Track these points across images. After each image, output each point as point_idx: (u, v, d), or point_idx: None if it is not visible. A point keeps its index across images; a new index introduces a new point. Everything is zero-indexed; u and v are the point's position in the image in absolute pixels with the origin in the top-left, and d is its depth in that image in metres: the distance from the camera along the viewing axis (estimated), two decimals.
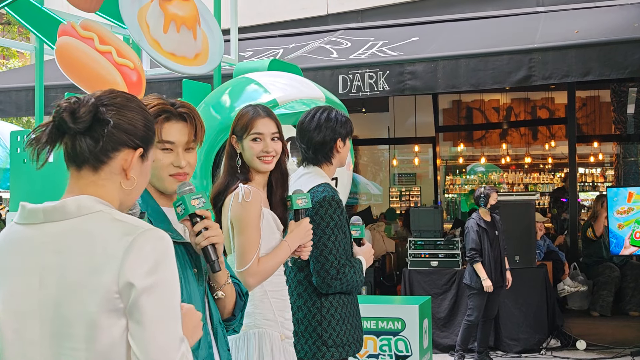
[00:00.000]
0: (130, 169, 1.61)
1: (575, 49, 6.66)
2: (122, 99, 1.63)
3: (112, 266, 1.45)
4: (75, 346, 1.46)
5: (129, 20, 4.02)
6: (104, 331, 1.45)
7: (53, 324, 1.48)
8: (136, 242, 1.47)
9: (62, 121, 1.55)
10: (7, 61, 17.44)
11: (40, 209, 1.55)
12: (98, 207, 1.54)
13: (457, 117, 14.06)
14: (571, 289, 8.46)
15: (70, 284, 1.47)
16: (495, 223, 6.94)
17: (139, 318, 1.44)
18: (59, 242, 1.51)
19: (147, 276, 1.45)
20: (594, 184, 14.74)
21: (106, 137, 1.56)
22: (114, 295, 1.45)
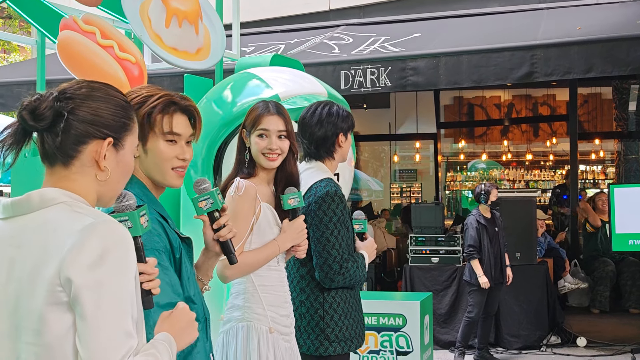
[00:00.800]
0: (102, 160, 1.57)
1: (578, 46, 6.65)
2: (87, 89, 1.59)
3: (56, 259, 1.43)
4: (28, 340, 1.45)
5: (131, 15, 4.01)
6: (50, 325, 1.43)
7: (13, 317, 1.47)
8: (84, 234, 1.44)
9: (22, 120, 1.53)
10: (8, 55, 17.43)
11: (10, 202, 1.55)
12: (61, 198, 1.52)
13: (458, 114, 14.05)
14: (572, 286, 8.46)
15: (26, 278, 1.46)
16: (496, 220, 6.93)
17: (81, 312, 1.41)
18: (21, 235, 1.50)
19: (89, 270, 1.41)
20: (595, 181, 14.73)
21: (68, 131, 1.53)
22: (57, 288, 1.42)
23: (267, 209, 2.74)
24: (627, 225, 7.22)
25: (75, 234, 1.44)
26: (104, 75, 3.98)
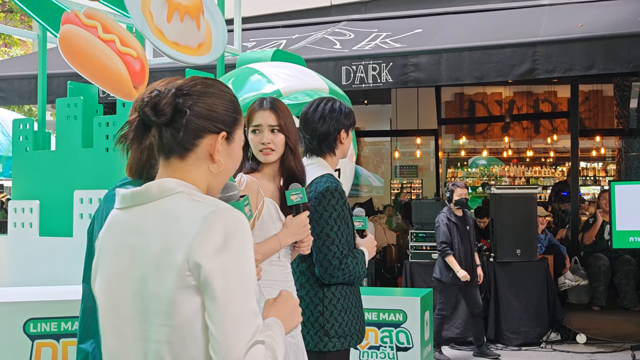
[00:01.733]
0: (216, 153, 1.66)
1: (580, 43, 6.65)
2: (201, 86, 1.67)
3: (183, 245, 1.51)
4: (159, 321, 1.53)
5: (133, 9, 4.01)
6: (180, 307, 1.51)
7: (141, 300, 1.56)
8: (207, 221, 1.52)
9: (144, 116, 1.61)
10: (9, 49, 17.42)
11: (129, 193, 1.63)
12: (179, 188, 1.61)
13: (459, 110, 14.05)
14: (572, 282, 8.46)
15: (152, 263, 1.55)
16: (467, 218, 6.91)
17: (211, 294, 1.49)
18: (143, 223, 1.59)
19: (215, 255, 1.50)
20: (596, 178, 14.73)
21: (186, 126, 1.62)
22: (185, 273, 1.50)
23: (270, 204, 2.74)
24: (628, 222, 7.22)
25: (199, 222, 1.52)
26: (106, 69, 3.98)
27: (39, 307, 3.36)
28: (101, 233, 1.70)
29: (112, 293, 1.62)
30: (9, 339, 3.28)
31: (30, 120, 4.83)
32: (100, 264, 1.67)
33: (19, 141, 4.79)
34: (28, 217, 4.51)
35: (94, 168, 4.40)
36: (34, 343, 3.31)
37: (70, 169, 4.50)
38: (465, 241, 6.79)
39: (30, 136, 4.75)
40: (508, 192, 7.89)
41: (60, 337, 3.36)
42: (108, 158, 4.35)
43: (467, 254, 6.78)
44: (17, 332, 3.28)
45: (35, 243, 4.46)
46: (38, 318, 3.32)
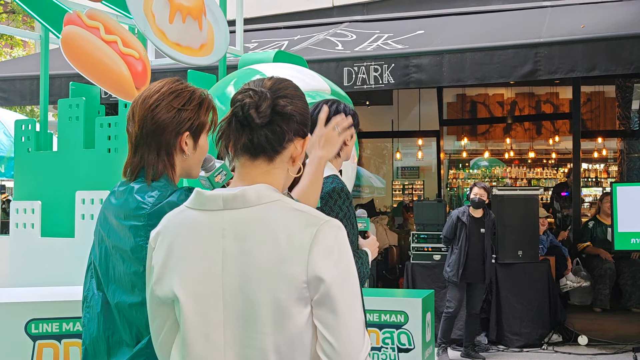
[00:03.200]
0: (299, 157, 1.68)
1: (582, 44, 6.64)
2: (291, 89, 1.68)
3: (299, 257, 1.50)
4: (263, 330, 1.51)
5: (135, 10, 4.01)
6: (292, 318, 1.50)
7: (238, 307, 1.53)
8: (320, 234, 1.51)
9: (249, 117, 1.59)
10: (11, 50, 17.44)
11: (220, 196, 1.58)
12: (275, 195, 1.58)
13: (461, 111, 14.04)
14: (573, 284, 8.45)
15: (256, 271, 1.52)
16: (485, 220, 6.90)
17: (333, 307, 1.49)
18: (240, 229, 1.55)
19: (335, 267, 1.51)
20: (598, 180, 14.71)
21: (281, 129, 1.61)
22: (302, 285, 1.49)
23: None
24: (630, 223, 7.22)
25: (312, 233, 1.51)
26: (108, 70, 3.98)
27: (41, 307, 3.36)
28: (169, 231, 1.64)
29: (200, 297, 1.57)
30: (10, 340, 3.28)
31: (32, 121, 4.83)
32: (178, 264, 1.60)
33: (20, 142, 4.79)
34: (30, 218, 4.51)
35: (96, 169, 4.39)
36: (35, 344, 3.31)
37: (72, 169, 4.50)
38: (473, 242, 6.78)
39: (32, 137, 4.75)
40: (510, 193, 7.89)
41: (61, 338, 3.36)
42: (110, 159, 4.35)
43: (474, 255, 6.77)
44: (19, 333, 3.28)
45: (37, 244, 4.46)
46: (39, 319, 3.32)
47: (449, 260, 6.86)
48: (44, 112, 4.93)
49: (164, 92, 2.05)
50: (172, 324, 1.67)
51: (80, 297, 2.15)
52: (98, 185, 4.29)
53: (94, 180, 4.36)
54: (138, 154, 2.04)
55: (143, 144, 2.03)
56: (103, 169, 4.37)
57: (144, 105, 2.04)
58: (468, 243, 6.76)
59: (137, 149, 2.05)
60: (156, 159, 2.03)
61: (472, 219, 6.84)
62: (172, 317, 1.66)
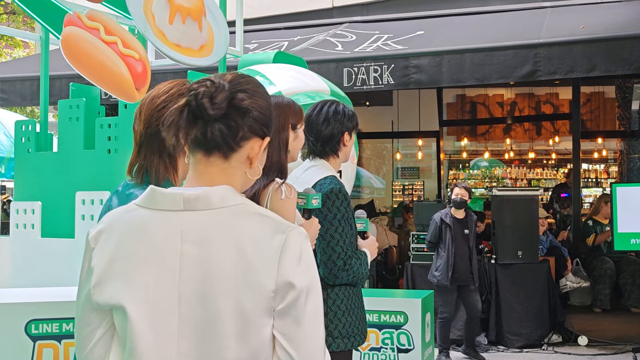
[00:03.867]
0: (256, 158, 1.56)
1: (581, 45, 6.65)
2: (253, 85, 1.56)
3: (269, 264, 1.41)
4: (225, 343, 1.41)
5: (135, 11, 4.01)
6: (258, 330, 1.41)
7: (196, 317, 1.42)
8: (289, 241, 1.44)
9: (201, 107, 1.47)
10: (12, 51, 17.44)
11: (180, 196, 1.46)
12: (239, 198, 1.49)
13: (461, 112, 14.05)
14: (573, 284, 8.46)
15: (219, 278, 1.41)
16: (468, 221, 6.88)
17: (298, 317, 1.42)
18: (202, 232, 1.44)
19: (304, 275, 1.44)
20: (598, 180, 14.72)
21: (237, 125, 1.50)
22: (270, 294, 1.41)
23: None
24: (629, 224, 7.22)
25: (280, 240, 1.43)
26: (108, 71, 3.99)
27: (41, 308, 3.36)
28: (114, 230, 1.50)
29: (151, 305, 1.43)
30: (10, 340, 3.28)
31: (32, 122, 4.84)
32: (126, 268, 1.46)
33: (21, 142, 4.80)
34: (30, 219, 4.52)
35: (96, 169, 4.40)
36: (35, 344, 3.31)
37: (72, 170, 4.51)
38: (459, 244, 6.75)
39: (32, 137, 4.76)
40: (509, 193, 7.89)
41: (61, 338, 3.37)
42: (110, 160, 4.36)
43: (460, 256, 6.74)
44: (19, 333, 3.29)
45: (37, 244, 4.47)
46: (40, 319, 3.32)
47: (435, 265, 6.79)
48: (44, 113, 4.93)
49: (173, 94, 2.04)
50: (105, 333, 1.53)
51: None
52: (98, 186, 4.30)
53: (94, 181, 4.37)
54: (142, 154, 2.04)
55: (147, 143, 2.04)
56: (103, 169, 4.37)
57: (151, 105, 2.04)
58: (454, 245, 6.74)
59: (141, 148, 2.05)
60: (158, 161, 2.02)
61: (456, 220, 6.81)
62: (105, 326, 1.52)
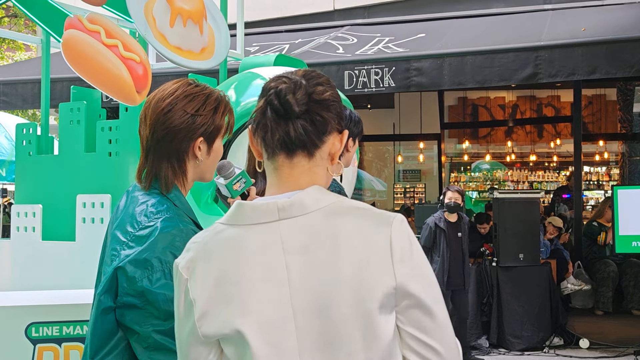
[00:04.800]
0: (338, 153, 1.47)
1: (582, 47, 6.65)
2: (325, 77, 1.47)
3: (383, 260, 1.34)
4: (353, 348, 1.33)
5: (136, 14, 4.02)
6: (383, 327, 1.34)
7: (315, 329, 1.33)
8: (396, 232, 1.37)
9: (286, 104, 1.39)
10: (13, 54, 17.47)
11: (274, 205, 1.38)
12: (331, 197, 1.41)
13: (462, 114, 14.04)
14: (575, 287, 8.45)
15: (333, 284, 1.33)
16: (460, 224, 6.88)
17: (429, 309, 1.36)
18: (303, 239, 1.36)
19: (422, 262, 1.38)
20: (599, 183, 14.71)
21: (320, 119, 1.41)
22: (391, 291, 1.34)
23: None
24: (631, 226, 7.20)
25: (387, 233, 1.36)
26: (109, 74, 3.99)
27: (41, 311, 3.36)
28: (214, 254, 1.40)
29: (267, 325, 1.34)
30: (10, 343, 3.28)
31: (33, 125, 4.84)
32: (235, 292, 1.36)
33: (22, 145, 4.80)
34: (31, 221, 4.52)
35: (97, 172, 4.40)
36: (35, 347, 3.31)
37: (73, 173, 4.51)
38: (453, 247, 6.75)
39: (33, 140, 4.76)
40: (511, 196, 7.88)
41: (62, 341, 3.36)
42: (111, 162, 4.36)
43: (454, 260, 6.74)
44: (19, 336, 3.28)
45: (38, 247, 4.47)
46: (40, 322, 3.32)
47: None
48: (45, 116, 4.94)
49: (178, 96, 1.96)
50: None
51: (80, 301, 2.16)
52: (99, 188, 4.30)
53: (94, 184, 4.37)
54: (149, 159, 1.98)
55: (154, 148, 1.96)
56: (104, 172, 4.37)
57: (156, 109, 1.96)
58: (449, 249, 6.73)
59: (149, 153, 1.98)
60: (167, 166, 1.96)
61: (449, 224, 6.80)
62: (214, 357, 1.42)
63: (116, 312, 1.86)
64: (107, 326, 1.86)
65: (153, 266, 1.82)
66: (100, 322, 1.86)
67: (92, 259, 3.05)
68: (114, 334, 1.87)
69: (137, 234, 1.87)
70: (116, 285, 1.84)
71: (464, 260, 6.81)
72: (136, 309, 1.82)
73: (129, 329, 1.85)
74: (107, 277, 1.85)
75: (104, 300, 1.85)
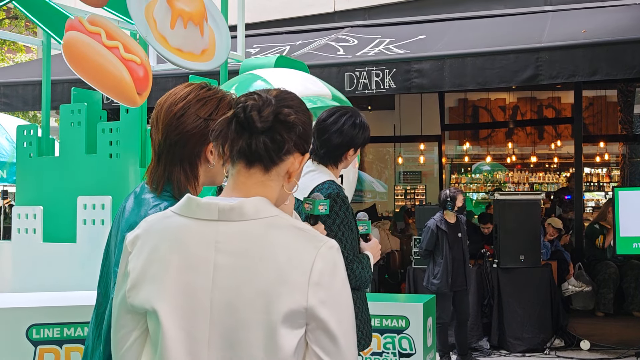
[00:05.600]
0: (295, 173, 1.59)
1: (583, 49, 6.65)
2: (297, 101, 1.60)
3: (301, 279, 1.43)
4: (252, 352, 1.43)
5: (136, 16, 4.02)
6: (285, 342, 1.42)
7: (226, 326, 1.45)
8: (321, 256, 1.45)
9: (249, 119, 1.51)
10: (14, 55, 17.48)
11: (215, 206, 1.50)
12: (273, 210, 1.51)
13: (463, 116, 14.04)
14: (575, 288, 8.44)
15: (251, 289, 1.44)
16: (460, 225, 6.89)
17: (333, 334, 1.45)
18: (236, 243, 1.47)
19: (339, 290, 1.46)
20: (600, 184, 14.70)
21: (282, 139, 1.53)
22: (301, 309, 1.43)
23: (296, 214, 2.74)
24: (631, 228, 7.20)
25: (313, 254, 1.45)
26: (109, 76, 3.99)
27: (42, 312, 3.36)
28: (151, 236, 1.53)
29: (184, 311, 1.46)
30: (11, 345, 3.28)
31: (34, 127, 4.84)
32: (161, 273, 1.49)
33: (22, 147, 4.80)
34: (32, 223, 4.52)
35: (98, 174, 4.41)
36: (36, 349, 3.31)
37: (73, 175, 4.51)
38: (455, 249, 6.74)
39: (34, 142, 4.76)
40: (511, 198, 7.88)
41: (62, 343, 3.36)
42: (111, 164, 4.36)
43: (457, 261, 6.74)
44: (20, 338, 3.29)
45: (39, 249, 4.47)
46: (41, 324, 3.32)
47: (433, 272, 6.76)
48: (46, 118, 4.94)
49: (190, 100, 1.95)
50: (139, 336, 1.55)
51: (81, 303, 2.16)
52: (100, 190, 4.30)
53: (95, 186, 4.37)
54: (161, 163, 1.96)
55: (167, 152, 1.95)
56: (105, 174, 4.38)
57: (169, 113, 1.94)
58: (451, 251, 6.73)
59: (161, 157, 1.96)
60: (179, 170, 1.95)
61: (449, 225, 6.81)
62: (140, 328, 1.55)
63: None
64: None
65: None
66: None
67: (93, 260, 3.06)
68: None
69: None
70: None
71: (465, 261, 6.81)
72: None
73: None
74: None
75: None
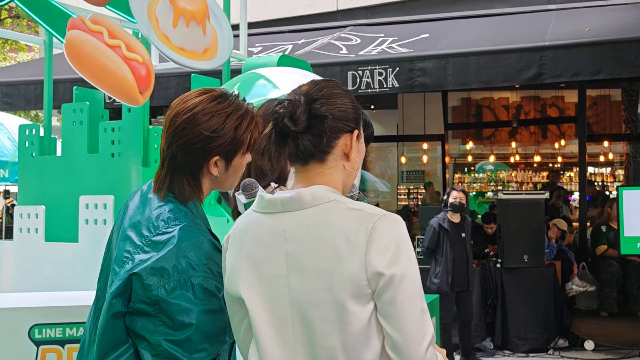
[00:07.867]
0: (351, 152, 1.69)
1: (587, 47, 6.63)
2: (327, 88, 1.70)
3: (357, 255, 1.55)
4: (328, 328, 1.57)
5: (139, 15, 4.01)
6: (355, 316, 1.55)
7: (302, 307, 1.60)
8: (376, 230, 1.56)
9: (284, 127, 1.65)
10: (16, 54, 17.49)
11: (278, 199, 1.65)
12: (331, 196, 1.63)
13: (466, 115, 14.01)
14: (579, 288, 8.42)
15: (315, 272, 1.58)
16: (464, 225, 6.85)
17: (392, 300, 1.54)
18: (298, 231, 1.62)
19: (393, 262, 1.55)
20: (604, 184, 14.67)
21: (324, 130, 1.65)
22: (362, 282, 1.54)
23: None
24: (636, 227, 7.18)
25: (367, 230, 1.56)
26: (111, 75, 3.98)
27: (44, 312, 3.35)
28: (238, 233, 1.72)
29: (268, 297, 1.64)
30: (13, 345, 3.27)
31: (36, 126, 4.83)
32: (244, 266, 1.68)
33: (24, 147, 4.79)
34: (34, 223, 4.51)
35: (100, 173, 4.39)
36: (39, 349, 3.30)
37: (76, 174, 4.50)
38: (457, 248, 6.71)
39: (36, 142, 4.75)
40: (515, 197, 7.86)
41: (65, 343, 3.35)
42: (114, 164, 4.35)
43: (459, 261, 6.70)
44: (22, 338, 3.27)
45: (41, 248, 4.46)
46: (43, 324, 3.31)
47: (434, 271, 6.74)
48: (48, 117, 4.93)
49: (197, 113, 1.90)
50: (249, 323, 1.70)
51: (83, 303, 2.15)
52: (102, 190, 4.29)
53: (97, 185, 4.36)
54: (164, 169, 1.95)
55: (169, 160, 1.94)
56: (107, 173, 4.36)
57: (173, 123, 1.92)
58: (453, 250, 6.69)
59: (164, 163, 1.96)
60: (182, 179, 1.93)
61: (452, 224, 6.77)
62: (239, 318, 1.73)
63: (126, 317, 1.85)
64: (117, 332, 1.86)
65: (170, 275, 1.80)
66: (111, 327, 1.85)
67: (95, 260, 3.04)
68: (123, 341, 1.86)
69: (154, 239, 1.85)
70: (130, 290, 1.83)
71: (467, 261, 6.78)
72: (148, 316, 1.81)
73: (138, 336, 1.84)
74: (122, 282, 1.83)
75: (115, 304, 1.84)
